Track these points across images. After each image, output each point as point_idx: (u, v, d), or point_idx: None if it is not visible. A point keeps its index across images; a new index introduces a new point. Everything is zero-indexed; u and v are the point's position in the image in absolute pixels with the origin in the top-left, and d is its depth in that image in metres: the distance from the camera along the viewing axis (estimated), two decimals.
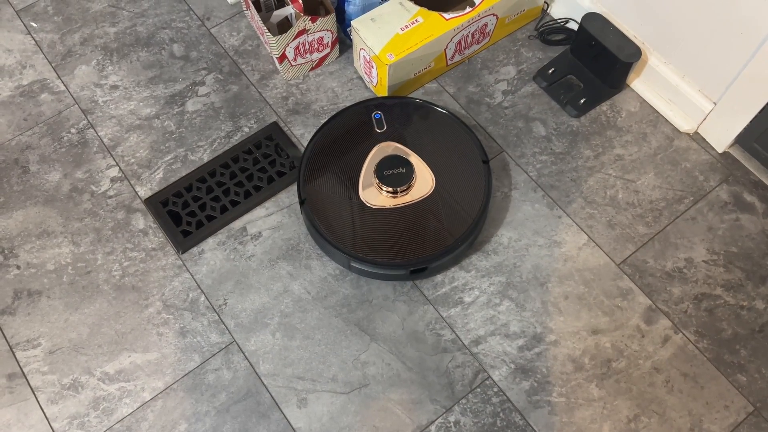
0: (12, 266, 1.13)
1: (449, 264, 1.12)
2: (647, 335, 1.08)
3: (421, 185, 1.11)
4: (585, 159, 1.23)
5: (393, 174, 1.10)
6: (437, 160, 1.13)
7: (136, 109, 1.27)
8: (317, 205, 1.09)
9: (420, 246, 1.07)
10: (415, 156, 1.13)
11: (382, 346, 1.07)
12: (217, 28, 1.36)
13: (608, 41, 1.23)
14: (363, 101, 1.19)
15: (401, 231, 1.08)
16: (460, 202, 1.09)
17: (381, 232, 1.08)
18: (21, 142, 1.24)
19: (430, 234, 1.07)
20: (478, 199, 1.10)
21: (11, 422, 1.02)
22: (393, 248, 1.07)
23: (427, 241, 1.07)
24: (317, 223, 1.08)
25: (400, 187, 1.09)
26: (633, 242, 1.15)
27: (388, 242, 1.07)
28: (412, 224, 1.08)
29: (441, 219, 1.08)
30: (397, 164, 1.11)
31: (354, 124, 1.16)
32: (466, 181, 1.11)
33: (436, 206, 1.09)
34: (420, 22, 1.20)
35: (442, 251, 1.06)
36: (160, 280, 1.12)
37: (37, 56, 1.33)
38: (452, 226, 1.08)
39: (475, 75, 1.31)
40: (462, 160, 1.13)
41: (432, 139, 1.15)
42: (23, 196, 1.19)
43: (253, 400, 1.04)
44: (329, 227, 1.08)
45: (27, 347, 1.07)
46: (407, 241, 1.07)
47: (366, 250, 1.07)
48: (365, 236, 1.07)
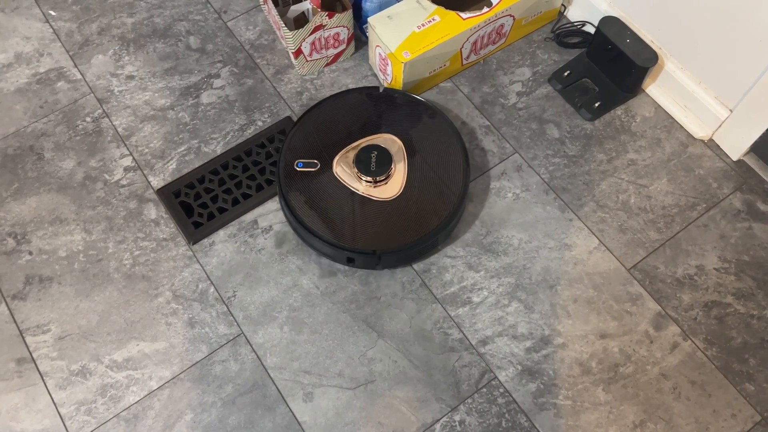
0: (24, 252, 1.14)
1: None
2: (656, 341, 1.08)
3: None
4: (598, 163, 1.22)
5: (372, 163, 1.11)
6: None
7: (151, 100, 1.28)
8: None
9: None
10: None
11: (389, 343, 1.08)
12: (234, 21, 1.37)
13: (625, 45, 1.23)
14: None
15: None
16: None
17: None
18: (36, 129, 1.25)
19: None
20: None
21: (19, 406, 1.02)
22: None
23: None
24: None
25: (380, 176, 1.11)
26: (644, 247, 1.15)
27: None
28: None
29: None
30: (368, 154, 1.12)
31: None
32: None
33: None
34: (437, 20, 1.20)
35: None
36: (170, 271, 1.12)
37: (54, 44, 1.34)
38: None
39: (490, 75, 1.31)
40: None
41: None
42: (37, 182, 1.20)
43: (260, 392, 1.04)
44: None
45: (37, 332, 1.07)
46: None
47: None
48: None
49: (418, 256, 1.12)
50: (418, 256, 1.12)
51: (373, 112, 1.19)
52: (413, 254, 1.11)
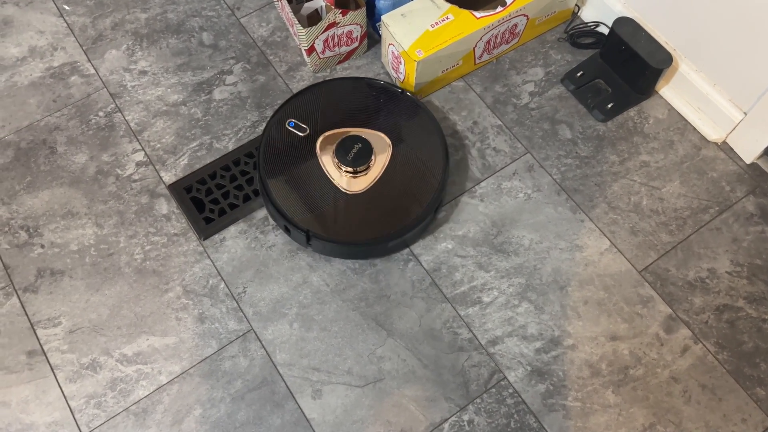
0: (36, 245, 1.14)
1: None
2: (666, 344, 1.07)
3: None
4: (610, 164, 1.22)
5: (354, 154, 1.12)
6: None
7: (164, 95, 1.28)
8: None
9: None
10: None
11: (398, 342, 1.07)
12: (247, 18, 1.37)
13: (639, 46, 1.22)
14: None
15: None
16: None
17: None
18: (50, 123, 1.25)
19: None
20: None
21: (29, 398, 1.03)
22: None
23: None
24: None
25: (360, 166, 1.11)
26: (655, 250, 1.14)
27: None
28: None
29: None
30: (353, 143, 1.13)
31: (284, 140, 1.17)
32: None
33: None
34: (450, 19, 1.20)
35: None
36: (180, 266, 1.12)
37: (68, 39, 1.34)
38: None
39: (503, 75, 1.31)
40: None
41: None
42: (50, 176, 1.20)
43: (268, 388, 1.04)
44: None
45: (48, 325, 1.08)
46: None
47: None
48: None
49: (347, 254, 1.12)
50: (348, 255, 1.12)
51: (378, 107, 1.19)
52: (341, 251, 1.11)
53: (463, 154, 1.23)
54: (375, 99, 1.20)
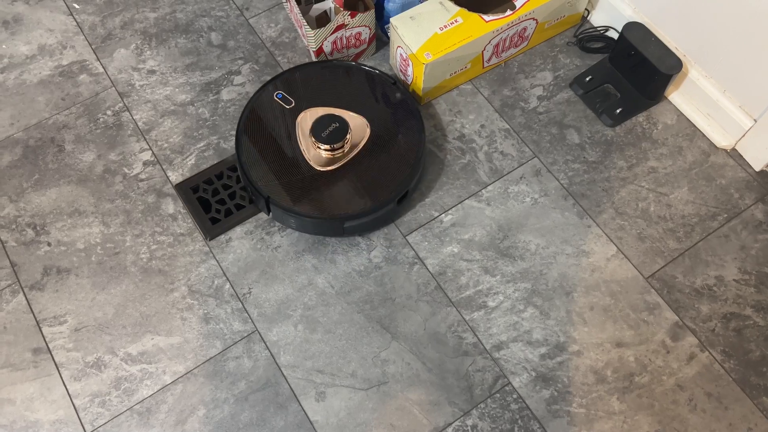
0: (43, 243, 1.14)
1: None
2: (672, 351, 1.07)
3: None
4: (618, 169, 1.21)
5: (329, 132, 1.13)
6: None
7: (172, 95, 1.28)
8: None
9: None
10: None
11: (402, 345, 1.07)
12: (256, 18, 1.37)
13: (649, 52, 1.21)
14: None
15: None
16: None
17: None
18: (58, 121, 1.26)
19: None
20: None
21: (34, 396, 1.03)
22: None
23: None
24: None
25: (337, 143, 1.12)
26: (663, 256, 1.14)
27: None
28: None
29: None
30: (330, 122, 1.13)
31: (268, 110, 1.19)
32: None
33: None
34: (459, 22, 1.20)
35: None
36: (186, 266, 1.13)
37: (77, 37, 1.35)
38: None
39: (511, 79, 1.30)
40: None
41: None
42: (57, 174, 1.21)
43: (272, 390, 1.04)
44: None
45: (53, 323, 1.08)
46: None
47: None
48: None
49: (304, 227, 1.13)
50: (308, 230, 1.14)
51: (367, 94, 1.20)
52: (300, 224, 1.12)
53: (470, 157, 1.22)
54: (366, 86, 1.21)
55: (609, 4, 1.30)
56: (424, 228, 1.16)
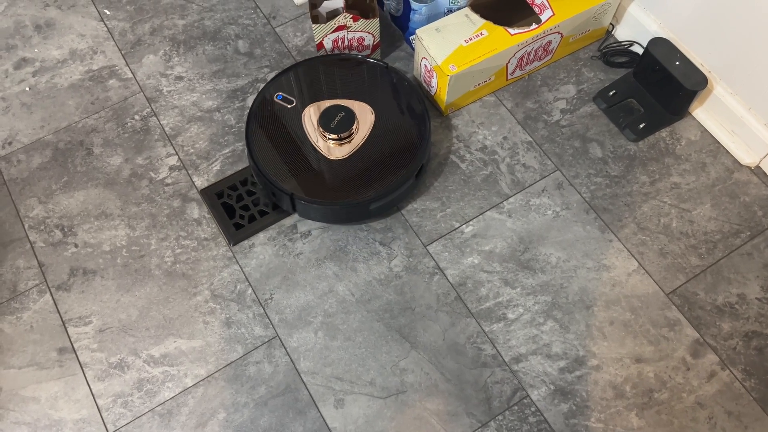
0: (70, 244, 1.17)
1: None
2: (693, 369, 1.06)
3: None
4: (640, 184, 1.21)
5: (337, 122, 1.16)
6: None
7: (199, 101, 1.30)
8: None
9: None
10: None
11: (421, 355, 1.08)
12: (282, 27, 1.39)
13: (674, 68, 1.21)
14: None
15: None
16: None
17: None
18: (87, 124, 1.28)
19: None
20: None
21: (59, 395, 1.05)
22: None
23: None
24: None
25: (344, 132, 1.16)
26: (684, 273, 1.13)
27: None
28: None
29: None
30: (336, 112, 1.17)
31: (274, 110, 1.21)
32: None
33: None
34: (485, 35, 1.20)
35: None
36: (210, 270, 1.14)
37: (108, 43, 1.37)
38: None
39: (534, 91, 1.31)
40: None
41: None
42: (85, 177, 1.23)
43: (292, 396, 1.05)
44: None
45: (79, 324, 1.10)
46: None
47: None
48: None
49: (335, 219, 1.16)
50: (336, 219, 1.17)
51: (362, 81, 1.23)
52: (328, 214, 1.15)
53: (492, 169, 1.23)
54: (362, 74, 1.23)
55: (634, 19, 1.30)
56: (444, 238, 1.17)
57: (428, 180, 1.22)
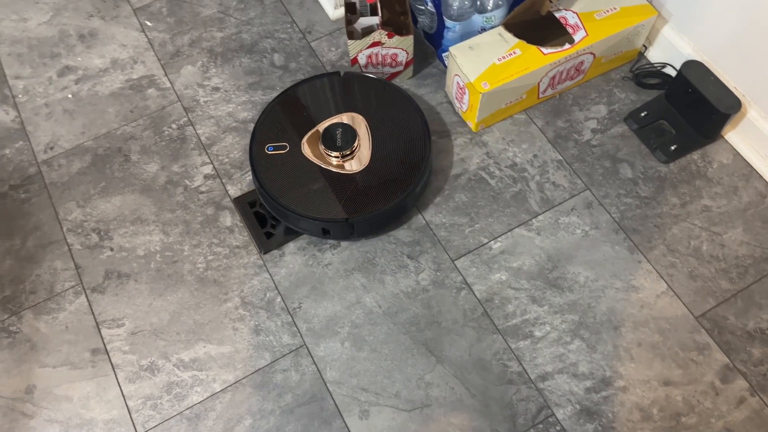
0: (106, 248, 1.20)
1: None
2: (721, 394, 1.05)
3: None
4: (671, 206, 1.21)
5: (340, 139, 1.19)
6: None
7: (234, 112, 1.33)
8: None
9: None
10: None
11: (447, 369, 1.08)
12: (317, 42, 1.42)
13: (707, 90, 1.21)
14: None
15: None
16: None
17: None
18: (126, 132, 1.32)
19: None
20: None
21: (90, 395, 1.07)
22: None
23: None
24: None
25: (344, 150, 1.18)
26: (714, 296, 1.13)
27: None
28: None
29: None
30: (335, 130, 1.20)
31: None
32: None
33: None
34: (518, 54, 1.22)
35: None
36: (240, 277, 1.16)
37: (148, 53, 1.41)
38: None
39: (565, 110, 1.32)
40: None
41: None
42: (122, 183, 1.26)
43: (317, 405, 1.06)
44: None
45: (112, 326, 1.13)
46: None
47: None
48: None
49: (387, 221, 1.19)
50: (388, 221, 1.19)
51: (335, 95, 1.26)
52: (382, 220, 1.17)
53: (521, 186, 1.24)
54: (336, 88, 1.26)
55: (667, 41, 1.30)
56: (472, 254, 1.18)
57: (457, 195, 1.23)
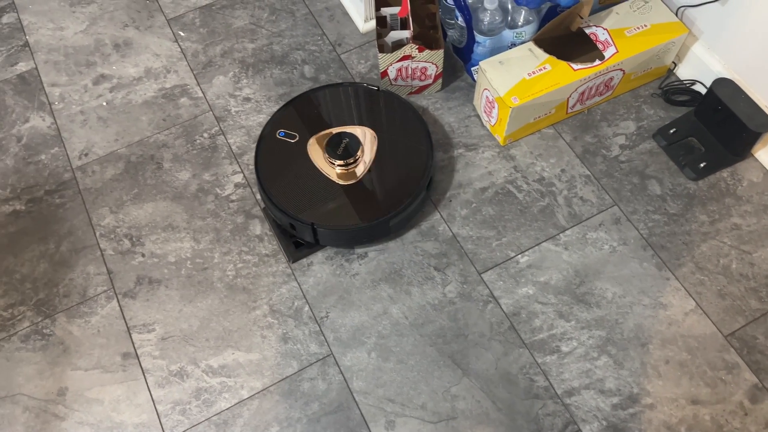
0: (138, 254, 1.22)
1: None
2: (750, 414, 1.04)
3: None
4: (700, 224, 1.21)
5: (343, 148, 1.20)
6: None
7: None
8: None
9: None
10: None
11: (473, 382, 1.08)
12: (347, 54, 1.44)
13: (738, 108, 1.21)
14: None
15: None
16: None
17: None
18: (158, 140, 1.34)
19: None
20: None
21: (121, 398, 1.09)
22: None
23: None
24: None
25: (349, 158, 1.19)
26: (744, 315, 1.12)
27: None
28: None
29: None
30: (341, 139, 1.21)
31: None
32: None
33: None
34: (548, 69, 1.23)
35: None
36: (269, 286, 1.17)
37: (181, 63, 1.44)
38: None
39: (594, 126, 1.32)
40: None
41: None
42: (155, 190, 1.28)
43: (344, 414, 1.07)
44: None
45: (142, 331, 1.14)
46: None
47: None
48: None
49: (358, 241, 1.20)
50: (359, 241, 1.20)
51: (359, 106, 1.28)
52: (353, 236, 1.18)
53: (549, 200, 1.24)
54: (355, 99, 1.28)
55: (698, 58, 1.30)
56: (499, 267, 1.18)
57: (484, 208, 1.24)
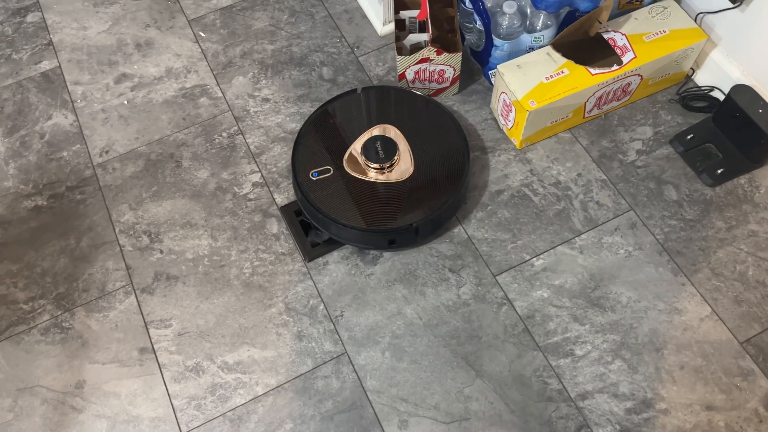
0: (156, 250, 1.23)
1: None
2: (766, 421, 1.04)
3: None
4: (716, 230, 1.20)
5: (382, 151, 1.21)
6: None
7: (283, 123, 1.37)
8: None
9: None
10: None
11: (486, 384, 1.09)
12: (365, 56, 1.45)
13: (756, 115, 1.21)
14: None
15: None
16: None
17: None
18: (178, 138, 1.36)
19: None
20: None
21: (137, 392, 1.10)
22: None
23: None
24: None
25: (386, 162, 1.20)
26: (760, 322, 1.11)
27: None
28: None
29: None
30: (374, 143, 1.22)
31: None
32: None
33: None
34: (565, 73, 1.23)
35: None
36: (285, 284, 1.19)
37: (201, 63, 1.46)
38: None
39: (611, 131, 1.32)
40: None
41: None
42: (174, 188, 1.30)
43: (357, 413, 1.07)
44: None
45: (160, 326, 1.16)
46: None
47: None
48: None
49: (446, 219, 1.21)
50: (446, 219, 1.21)
51: (363, 110, 1.29)
52: (441, 218, 1.19)
53: (565, 204, 1.24)
54: (368, 101, 1.30)
55: (716, 65, 1.30)
56: (514, 270, 1.19)
57: (500, 211, 1.25)
